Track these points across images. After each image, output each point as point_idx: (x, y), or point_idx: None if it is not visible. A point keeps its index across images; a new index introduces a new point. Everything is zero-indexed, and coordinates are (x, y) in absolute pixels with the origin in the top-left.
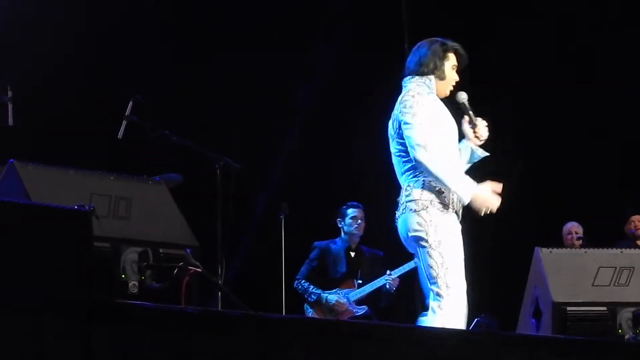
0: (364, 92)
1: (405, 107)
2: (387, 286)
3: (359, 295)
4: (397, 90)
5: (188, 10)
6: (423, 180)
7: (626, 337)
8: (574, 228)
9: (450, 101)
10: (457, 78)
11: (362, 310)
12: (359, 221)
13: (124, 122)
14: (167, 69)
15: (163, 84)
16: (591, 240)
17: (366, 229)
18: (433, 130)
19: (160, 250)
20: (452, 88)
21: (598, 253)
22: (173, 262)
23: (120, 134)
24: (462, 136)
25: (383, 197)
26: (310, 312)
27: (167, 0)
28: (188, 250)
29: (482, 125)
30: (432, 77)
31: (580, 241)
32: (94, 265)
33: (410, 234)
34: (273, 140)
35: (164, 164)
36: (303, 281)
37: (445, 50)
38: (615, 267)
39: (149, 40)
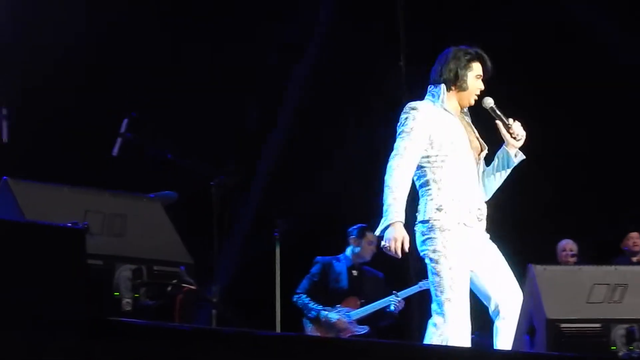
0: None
1: (400, 119)
2: (392, 307)
3: (360, 315)
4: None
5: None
6: (426, 199)
7: (620, 353)
8: (568, 245)
9: (473, 109)
10: (481, 87)
11: (363, 329)
12: (374, 247)
13: (119, 140)
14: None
15: (158, 99)
16: (587, 257)
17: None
18: (419, 143)
19: (155, 268)
20: (476, 97)
21: (592, 270)
22: (167, 280)
23: (115, 152)
24: (501, 141)
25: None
26: (309, 328)
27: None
28: (182, 268)
29: (516, 125)
30: (442, 85)
31: (575, 258)
32: (88, 283)
33: (419, 250)
34: (267, 154)
35: (158, 181)
36: (304, 296)
37: (469, 60)
38: (610, 284)
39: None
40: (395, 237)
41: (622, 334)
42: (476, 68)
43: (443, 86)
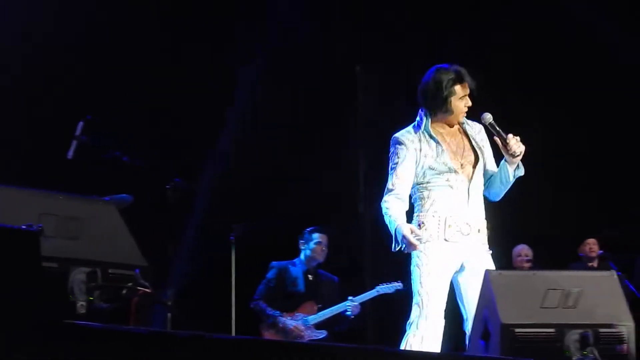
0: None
1: (389, 153)
2: (348, 312)
3: (318, 320)
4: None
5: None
6: (413, 216)
7: (573, 358)
8: (523, 251)
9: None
10: (468, 104)
11: (321, 334)
12: (324, 247)
13: (74, 142)
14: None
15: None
16: (543, 262)
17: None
18: (406, 175)
19: (109, 271)
20: (464, 114)
21: (546, 275)
22: (122, 283)
23: (70, 154)
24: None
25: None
26: (267, 333)
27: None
28: (137, 271)
29: (513, 141)
30: (423, 113)
31: (530, 264)
32: (42, 286)
33: None
34: (223, 159)
35: (114, 184)
36: (261, 302)
37: (451, 84)
38: (564, 289)
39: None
40: (404, 235)
41: (576, 339)
42: (458, 90)
43: (424, 113)
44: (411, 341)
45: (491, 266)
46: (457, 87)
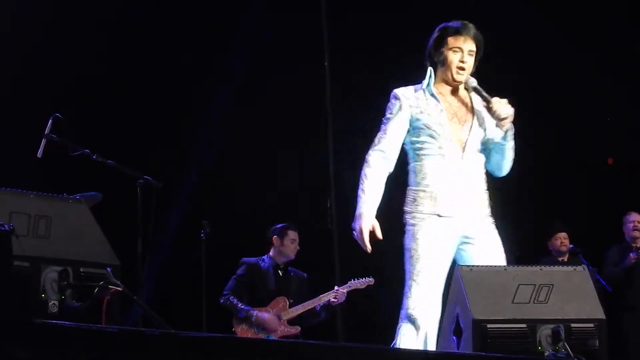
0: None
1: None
2: (334, 299)
3: (290, 315)
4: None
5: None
6: (408, 189)
7: (546, 353)
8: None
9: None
10: (463, 60)
11: (294, 330)
12: (297, 245)
13: (44, 141)
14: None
15: (83, 100)
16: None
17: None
18: (396, 131)
19: (81, 269)
20: (459, 71)
21: (517, 270)
22: (93, 281)
23: (39, 153)
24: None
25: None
26: (239, 328)
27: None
28: (109, 269)
29: (498, 104)
30: (430, 69)
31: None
32: (13, 285)
33: None
34: (193, 157)
35: (84, 182)
36: (231, 297)
37: (443, 34)
38: (535, 285)
39: (68, 56)
40: (357, 229)
41: (547, 334)
42: (451, 42)
43: (430, 69)
44: (405, 333)
45: (496, 238)
46: (450, 38)
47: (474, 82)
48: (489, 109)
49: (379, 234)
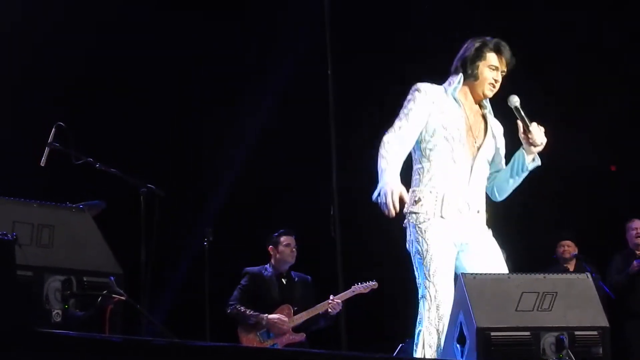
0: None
1: (405, 98)
2: (330, 310)
3: (295, 322)
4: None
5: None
6: (412, 189)
7: None
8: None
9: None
10: (496, 78)
11: (299, 337)
12: (293, 248)
13: (47, 149)
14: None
15: (83, 100)
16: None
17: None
18: (415, 124)
19: (84, 279)
20: (492, 89)
21: (521, 278)
22: (97, 290)
23: (43, 161)
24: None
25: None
26: (245, 337)
27: None
28: (112, 278)
29: (536, 131)
30: (460, 75)
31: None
32: (17, 294)
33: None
34: (198, 166)
35: (87, 191)
36: (239, 306)
37: (482, 49)
38: (539, 292)
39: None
40: (385, 191)
41: (551, 342)
42: (490, 58)
43: (460, 76)
44: (426, 339)
45: (496, 247)
46: (490, 54)
47: (517, 101)
48: (526, 131)
49: (406, 197)
